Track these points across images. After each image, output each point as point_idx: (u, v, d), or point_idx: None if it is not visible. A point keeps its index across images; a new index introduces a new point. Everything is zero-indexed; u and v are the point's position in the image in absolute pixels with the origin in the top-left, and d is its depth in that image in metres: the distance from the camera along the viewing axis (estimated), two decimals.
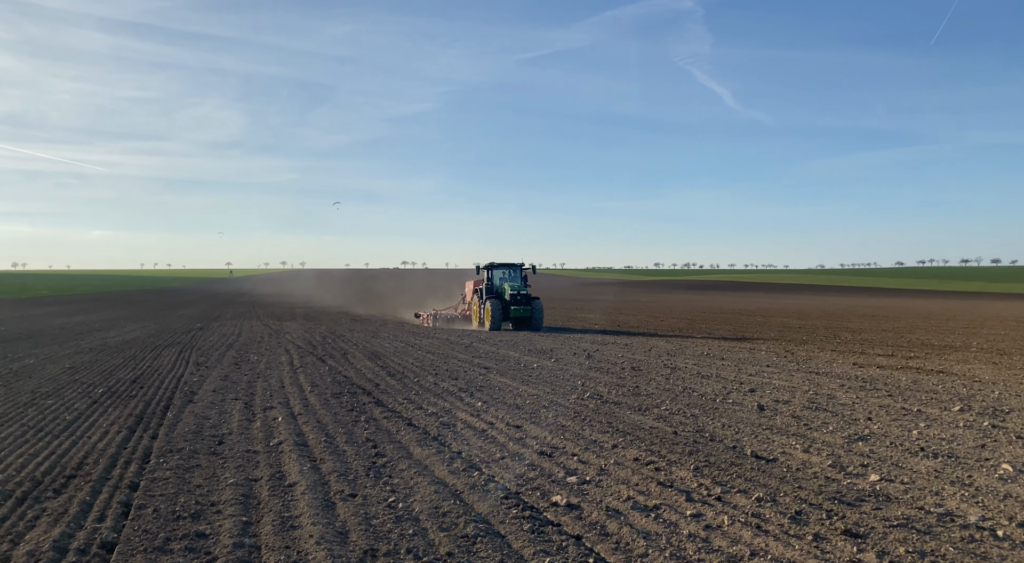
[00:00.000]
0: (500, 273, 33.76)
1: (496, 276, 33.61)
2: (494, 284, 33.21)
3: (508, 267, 33.84)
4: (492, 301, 31.04)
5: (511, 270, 33.89)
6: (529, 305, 31.34)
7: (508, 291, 31.40)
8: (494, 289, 32.92)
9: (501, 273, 33.76)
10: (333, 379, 14.18)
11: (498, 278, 33.54)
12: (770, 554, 5.17)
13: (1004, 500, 6.41)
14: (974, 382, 14.17)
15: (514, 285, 31.83)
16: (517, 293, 31.31)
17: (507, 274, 33.77)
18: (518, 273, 33.98)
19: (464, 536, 5.55)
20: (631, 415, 10.60)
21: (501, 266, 33.81)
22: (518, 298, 31.22)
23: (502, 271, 33.82)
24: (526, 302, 31.32)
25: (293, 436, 8.96)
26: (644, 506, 6.29)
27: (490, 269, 33.53)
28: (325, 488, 6.77)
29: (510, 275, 33.75)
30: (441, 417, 10.34)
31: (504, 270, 33.82)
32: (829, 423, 9.95)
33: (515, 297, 31.19)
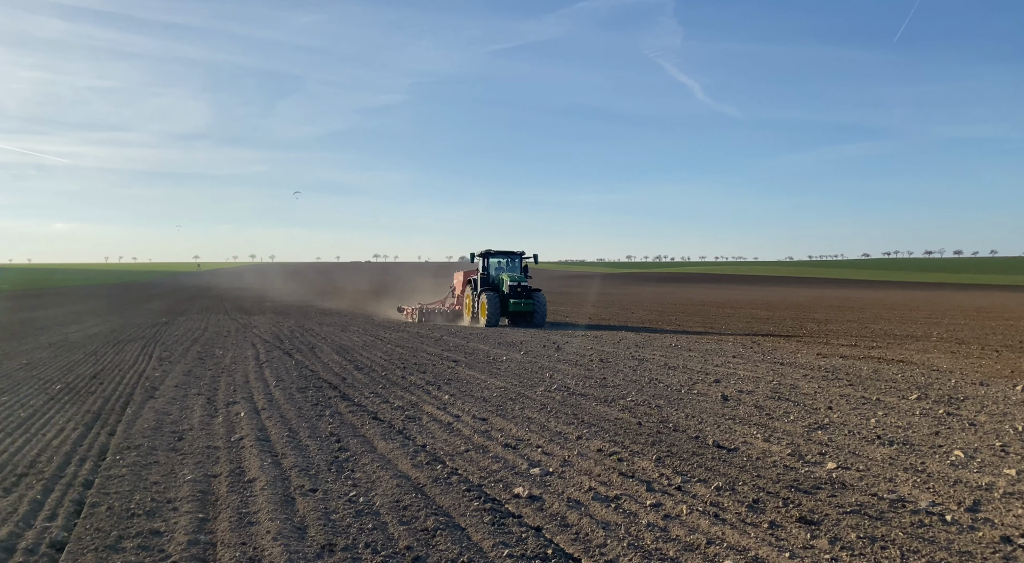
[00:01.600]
0: (497, 262, 30.41)
1: (492, 265, 30.24)
2: (490, 274, 29.83)
3: (506, 255, 30.51)
4: (488, 294, 27.76)
5: (509, 259, 30.61)
6: (531, 298, 28.11)
7: (507, 282, 28.18)
8: (490, 280, 29.57)
9: (498, 262, 30.41)
10: (299, 373, 14.04)
11: (495, 268, 30.23)
12: (726, 542, 5.24)
13: (954, 485, 6.57)
14: (932, 371, 14.50)
15: (513, 276, 28.58)
16: (517, 285, 28.06)
17: (505, 264, 30.51)
18: (517, 263, 30.74)
19: (424, 529, 5.53)
20: (597, 407, 10.66)
21: (498, 254, 30.41)
22: (518, 290, 28.04)
23: (499, 260, 30.47)
24: (527, 295, 28.15)
25: (255, 431, 8.86)
26: (605, 497, 6.33)
27: (486, 257, 30.10)
28: (285, 483, 6.70)
29: (508, 265, 30.54)
30: (407, 411, 10.30)
31: (502, 259, 30.49)
32: (791, 413, 10.11)
33: (514, 289, 28.01)
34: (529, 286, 28.57)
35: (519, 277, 28.77)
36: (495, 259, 30.48)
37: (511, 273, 29.39)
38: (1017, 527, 5.49)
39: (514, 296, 28.04)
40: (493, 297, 27.66)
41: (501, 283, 28.79)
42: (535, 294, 28.57)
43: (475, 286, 29.71)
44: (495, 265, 30.32)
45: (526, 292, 28.33)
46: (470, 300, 29.69)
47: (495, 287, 28.91)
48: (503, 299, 28.03)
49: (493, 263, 30.29)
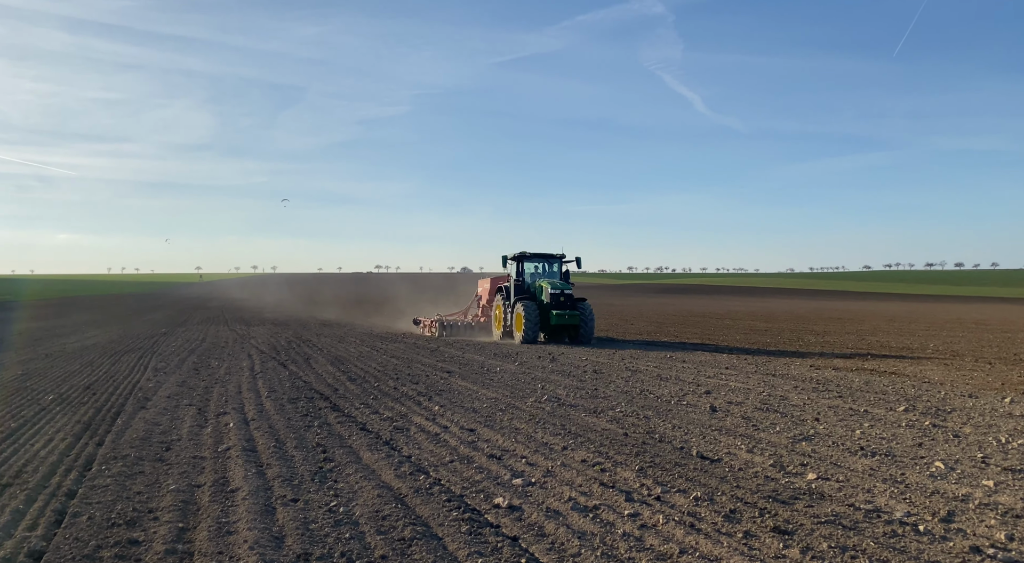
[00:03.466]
0: (533, 267, 26.56)
1: (528, 271, 26.35)
2: (525, 281, 25.88)
3: (543, 259, 26.62)
4: (525, 304, 23.84)
5: (547, 263, 26.73)
6: (576, 310, 23.99)
7: (547, 290, 24.19)
8: (526, 288, 25.62)
9: (534, 267, 26.57)
10: (292, 384, 14.10)
11: (530, 274, 26.37)
12: (699, 551, 5.28)
13: (931, 496, 6.60)
14: (923, 383, 14.52)
15: (555, 282, 24.56)
16: (560, 293, 24.02)
17: (542, 268, 26.66)
18: (556, 267, 26.78)
19: (401, 539, 5.58)
20: (585, 417, 10.70)
21: (535, 258, 26.45)
22: (561, 300, 23.94)
23: (536, 264, 26.62)
24: (571, 305, 24.05)
25: (242, 441, 8.91)
26: (584, 507, 6.37)
27: (520, 261, 26.07)
28: (267, 493, 6.75)
29: (545, 270, 26.67)
30: (396, 421, 10.35)
31: (538, 263, 26.63)
32: (777, 424, 10.14)
33: (556, 298, 23.94)
34: (573, 295, 24.49)
35: (561, 284, 24.58)
36: (531, 263, 26.59)
37: (551, 280, 25.37)
38: (988, 537, 5.52)
39: (556, 307, 23.92)
40: (531, 308, 23.79)
41: (539, 291, 24.95)
42: (581, 305, 24.42)
43: (507, 295, 25.76)
44: (531, 270, 26.57)
45: (570, 302, 24.16)
46: (500, 311, 25.77)
47: (532, 296, 25.05)
48: (543, 310, 24.18)
49: (528, 268, 26.46)
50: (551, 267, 26.80)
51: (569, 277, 26.58)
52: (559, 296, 24.07)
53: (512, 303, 25.05)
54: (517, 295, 25.22)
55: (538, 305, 24.34)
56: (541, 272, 26.60)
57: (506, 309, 25.36)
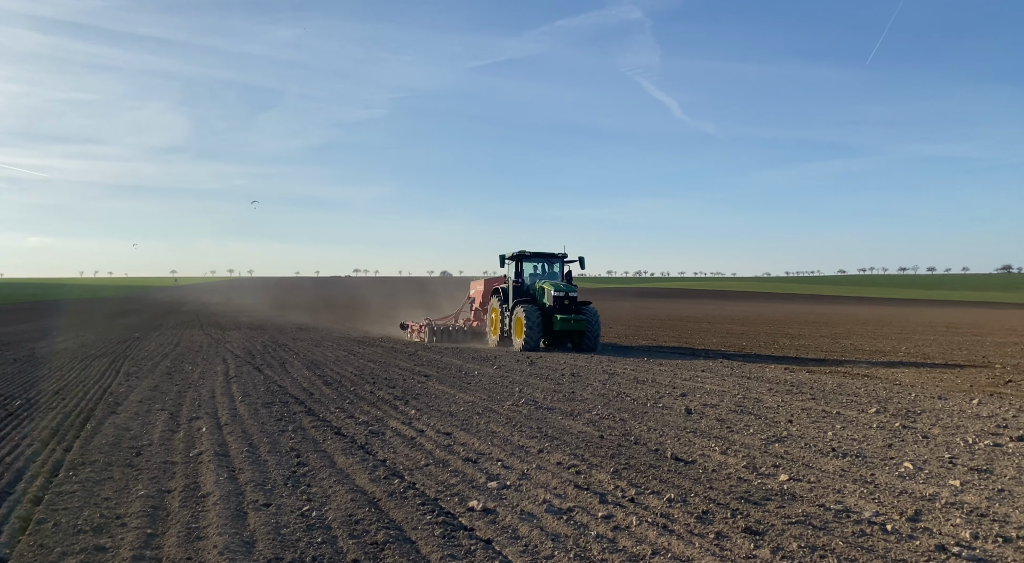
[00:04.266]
0: (532, 267, 24.94)
1: (527, 271, 24.80)
2: (524, 283, 24.33)
3: (544, 258, 24.90)
4: (526, 308, 22.18)
5: (547, 263, 25.02)
6: (582, 314, 22.36)
7: (550, 292, 22.50)
8: (525, 290, 24.07)
9: (533, 267, 24.95)
10: (267, 389, 13.96)
11: (529, 275, 24.81)
12: (671, 552, 5.31)
13: (899, 496, 6.70)
14: (894, 385, 14.74)
15: (558, 284, 22.92)
16: (564, 296, 22.30)
17: (541, 269, 25.00)
18: (558, 268, 25.06)
19: (373, 543, 5.54)
20: (562, 420, 10.72)
21: (534, 257, 24.77)
22: (565, 303, 22.26)
23: (535, 264, 24.96)
24: (576, 309, 22.45)
25: (215, 446, 8.81)
26: (558, 509, 6.38)
27: (519, 261, 24.47)
28: (239, 498, 6.68)
29: (545, 270, 25.00)
30: (372, 426, 10.29)
31: (538, 263, 24.97)
32: (751, 426, 10.23)
33: (560, 301, 22.27)
34: (577, 298, 22.87)
35: (565, 286, 22.93)
36: (530, 263, 24.92)
37: (553, 281, 23.77)
38: (953, 536, 5.62)
39: (560, 310, 22.24)
40: (533, 312, 22.05)
41: (541, 293, 23.36)
42: (585, 308, 22.81)
43: (504, 297, 24.12)
44: (530, 271, 24.92)
45: (575, 305, 22.55)
46: (497, 315, 24.19)
47: (532, 299, 23.48)
48: (545, 314, 22.49)
49: (527, 269, 24.83)
50: (551, 267, 25.07)
51: (571, 278, 24.86)
52: (563, 299, 22.32)
53: (511, 306, 23.33)
54: (516, 298, 23.49)
55: (539, 309, 22.63)
56: (541, 273, 24.97)
57: (504, 313, 23.67)
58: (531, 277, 24.77)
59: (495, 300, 24.78)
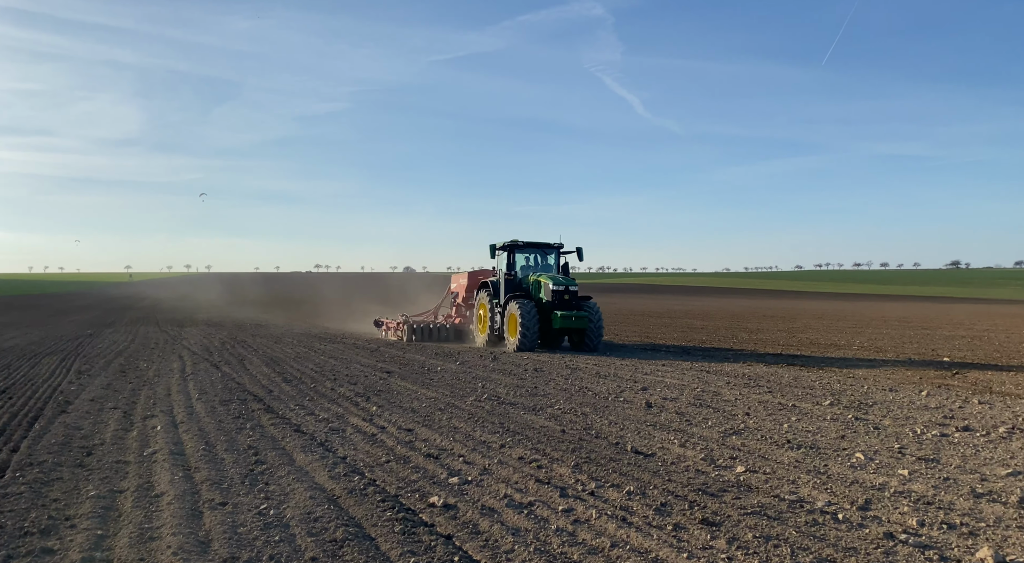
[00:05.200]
0: (524, 258, 22.90)
1: (520, 262, 22.74)
2: (517, 276, 22.27)
3: (538, 249, 22.85)
4: (521, 303, 20.11)
5: (542, 253, 22.98)
6: (583, 310, 20.54)
7: (548, 286, 20.50)
8: (518, 283, 22.03)
9: (525, 258, 22.91)
10: (224, 386, 13.71)
11: (523, 266, 22.77)
12: (630, 544, 5.37)
13: (850, 486, 6.89)
14: (848, 378, 15.12)
15: (556, 277, 20.91)
16: (564, 289, 20.36)
17: (534, 260, 22.98)
18: (553, 259, 23.00)
19: (332, 540, 5.49)
20: (524, 415, 10.75)
21: (528, 248, 22.71)
22: (565, 298, 20.33)
23: (528, 255, 22.92)
24: (577, 305, 20.60)
25: (170, 445, 8.62)
26: (519, 503, 6.41)
27: (511, 252, 22.47)
28: (195, 497, 6.55)
29: (538, 262, 22.98)
30: (332, 422, 10.19)
31: (532, 253, 22.93)
32: (709, 418, 10.40)
33: (560, 296, 20.31)
34: (578, 292, 20.93)
35: (565, 279, 20.91)
36: (523, 254, 22.87)
37: (551, 274, 21.61)
38: (901, 524, 5.80)
39: (561, 306, 20.32)
40: (529, 308, 20.09)
41: (536, 287, 21.33)
42: (586, 304, 20.96)
43: (494, 292, 21.99)
44: (523, 262, 22.89)
45: (576, 301, 20.65)
46: (486, 312, 22.14)
47: (527, 293, 21.52)
48: (542, 311, 20.62)
49: (520, 260, 22.79)
50: (546, 259, 23.01)
51: (568, 271, 22.85)
52: (562, 293, 20.33)
53: (503, 302, 21.28)
54: (509, 292, 21.44)
55: (536, 304, 20.70)
56: (534, 265, 22.97)
57: (494, 309, 21.63)
58: (523, 269, 22.71)
59: (483, 295, 22.52)
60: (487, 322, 22.06)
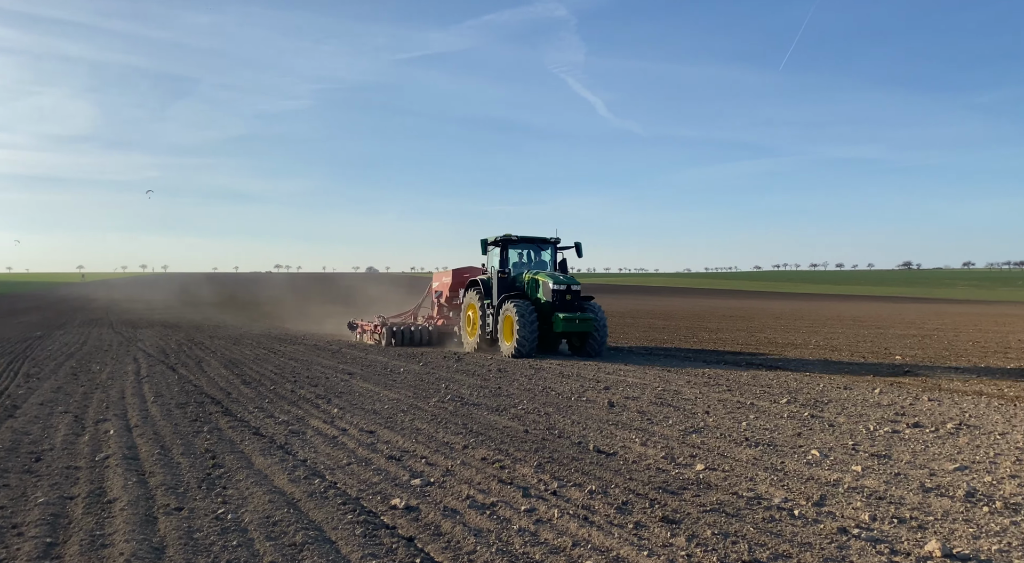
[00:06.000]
0: (517, 254, 21.28)
1: (513, 259, 21.16)
2: (510, 273, 20.51)
3: (533, 244, 21.22)
4: (519, 304, 18.52)
5: (537, 249, 21.36)
6: (588, 312, 18.94)
7: (548, 285, 18.86)
8: (512, 282, 20.35)
9: (518, 254, 21.29)
10: (181, 389, 13.42)
11: (516, 263, 21.15)
12: (591, 543, 5.41)
13: (806, 482, 7.04)
14: (804, 376, 15.45)
15: (556, 276, 19.31)
16: (566, 289, 18.78)
17: (527, 256, 21.36)
18: (549, 255, 21.31)
19: (292, 544, 5.42)
20: (488, 416, 10.74)
21: (522, 243, 21.02)
22: (567, 298, 18.73)
23: (521, 250, 21.29)
24: (580, 306, 19.00)
25: (123, 449, 8.41)
26: (482, 504, 6.40)
27: (504, 247, 20.69)
28: (149, 503, 6.40)
29: (533, 258, 21.37)
30: (292, 425, 10.05)
31: (527, 249, 21.32)
32: (670, 417, 10.53)
33: (562, 296, 18.71)
34: (580, 292, 19.31)
35: (566, 277, 19.27)
36: (516, 250, 21.25)
37: (550, 272, 19.94)
38: (854, 519, 5.94)
39: (563, 307, 18.67)
40: (527, 309, 18.45)
41: (533, 287, 19.66)
42: (590, 305, 19.38)
43: (485, 291, 20.36)
44: (517, 258, 21.32)
45: (578, 301, 19.01)
46: (476, 313, 20.55)
47: (523, 293, 19.89)
48: (541, 312, 19.02)
49: (514, 255, 21.26)
50: (541, 255, 21.41)
51: (567, 268, 21.11)
52: (564, 293, 18.66)
53: (496, 303, 19.73)
54: (503, 292, 19.83)
55: (537, 306, 19.18)
56: (527, 262, 21.36)
57: (485, 310, 20.14)
58: (515, 267, 21.12)
59: (472, 295, 20.82)
60: (477, 324, 20.55)
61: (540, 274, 19.72)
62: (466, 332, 21.34)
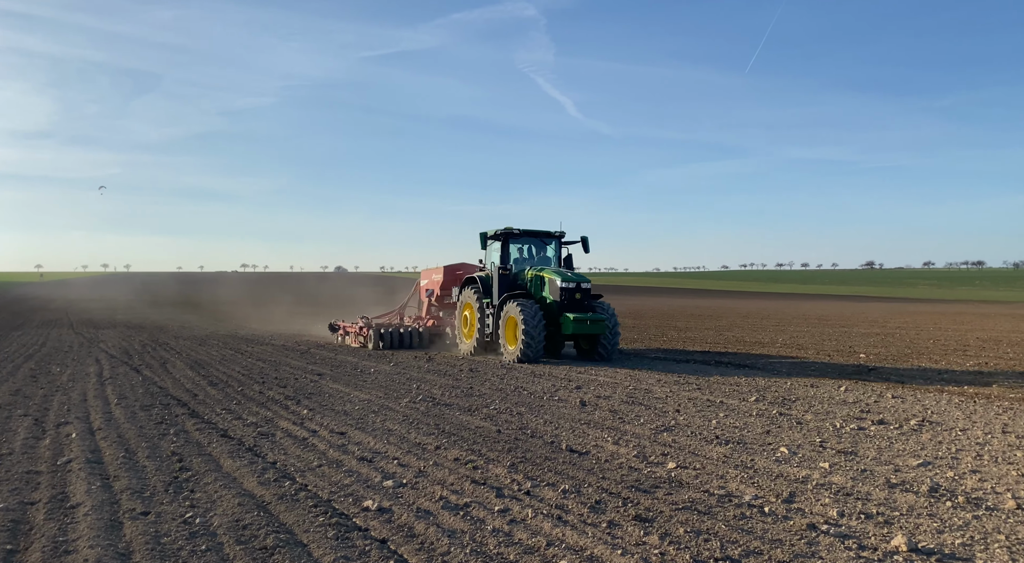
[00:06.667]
0: (517, 250, 19.80)
1: (513, 254, 19.65)
2: (511, 270, 18.94)
3: (536, 238, 19.67)
4: (523, 304, 16.99)
5: (540, 244, 19.82)
6: (599, 313, 17.57)
7: (555, 283, 17.46)
8: (513, 280, 18.88)
9: (519, 250, 19.80)
10: (146, 390, 13.15)
11: (516, 259, 19.63)
12: (565, 543, 5.42)
13: (776, 480, 7.14)
14: (772, 374, 15.68)
15: (563, 273, 17.91)
16: (574, 288, 17.40)
17: (529, 252, 19.87)
18: (553, 250, 19.84)
19: (263, 548, 5.33)
20: (460, 416, 10.70)
21: (525, 236, 19.46)
22: (576, 297, 17.37)
23: (523, 245, 19.79)
24: (590, 306, 17.70)
25: (86, 453, 8.20)
26: (455, 505, 6.37)
27: (505, 241, 19.10)
28: (114, 507, 6.25)
29: (535, 254, 19.86)
30: (261, 427, 9.90)
31: (528, 244, 19.79)
32: (641, 416, 10.60)
33: (571, 295, 17.34)
34: (590, 290, 18.00)
35: (575, 275, 17.84)
36: (518, 244, 19.73)
37: (557, 269, 18.54)
38: (823, 515, 6.04)
39: (572, 307, 17.28)
40: (534, 310, 16.89)
41: (538, 284, 18.20)
42: (600, 304, 18.02)
43: (484, 290, 18.87)
44: (517, 253, 19.83)
45: (589, 301, 17.68)
46: (472, 314, 19.07)
47: (526, 292, 18.32)
48: (547, 313, 17.53)
49: (514, 250, 19.74)
50: (544, 250, 19.88)
51: (572, 264, 19.72)
52: (573, 291, 17.24)
53: (497, 302, 18.19)
54: (505, 290, 18.33)
55: (543, 307, 17.70)
56: (528, 257, 19.86)
57: (484, 311, 18.65)
58: (515, 263, 19.66)
59: (469, 294, 19.32)
60: (474, 326, 18.99)
61: (546, 271, 18.31)
62: (462, 334, 19.94)
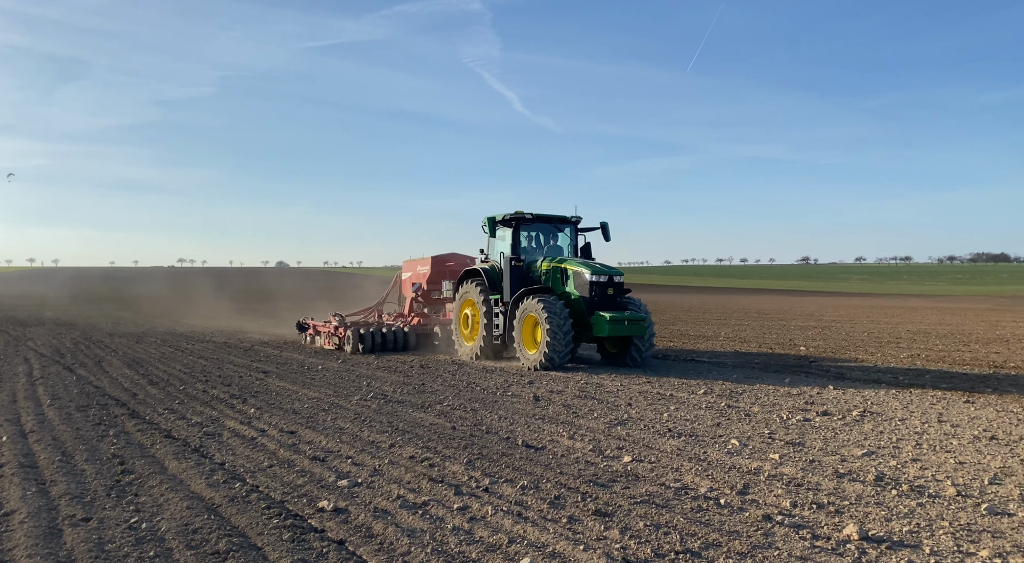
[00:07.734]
0: (531, 235, 17.12)
1: (523, 241, 16.88)
2: (524, 260, 16.46)
3: (549, 224, 17.08)
4: (547, 301, 14.68)
5: (553, 231, 17.26)
6: (637, 312, 15.25)
7: (584, 276, 15.13)
8: (528, 273, 16.47)
9: (528, 238, 17.07)
10: (81, 390, 12.58)
11: (525, 249, 16.86)
12: (527, 539, 5.40)
13: (729, 472, 7.28)
14: (717, 367, 16.02)
15: (592, 264, 15.55)
16: (606, 281, 15.22)
17: (542, 240, 17.26)
18: (568, 238, 17.30)
19: (215, 553, 5.15)
20: (413, 413, 10.58)
21: (539, 221, 16.83)
22: (608, 293, 15.23)
23: (532, 233, 17.11)
24: (622, 304, 15.50)
25: (19, 457, 7.79)
26: (413, 504, 6.28)
27: (516, 226, 16.51)
28: (52, 514, 5.94)
29: (545, 242, 17.27)
30: (206, 427, 9.58)
31: (539, 231, 17.19)
32: (595, 410, 10.68)
33: (602, 290, 15.13)
34: (623, 284, 15.79)
35: (605, 267, 15.60)
36: (529, 230, 17.04)
37: (581, 259, 16.15)
38: (776, 506, 6.19)
39: (604, 304, 15.10)
40: (559, 309, 14.61)
41: (558, 277, 15.77)
42: (632, 301, 15.79)
43: (490, 284, 16.48)
44: (528, 242, 17.11)
45: (619, 296, 15.55)
46: (476, 313, 16.77)
47: (544, 286, 15.74)
48: (576, 312, 15.11)
49: (524, 236, 17.00)
50: (557, 238, 17.33)
51: (591, 254, 17.23)
52: (605, 286, 15.08)
53: (511, 299, 15.78)
54: (519, 285, 15.93)
55: (569, 304, 15.24)
56: (538, 245, 17.23)
57: (492, 309, 16.23)
58: (535, 250, 17.17)
59: (471, 289, 16.82)
60: (477, 326, 16.72)
61: (569, 262, 15.76)
62: (462, 336, 17.51)
